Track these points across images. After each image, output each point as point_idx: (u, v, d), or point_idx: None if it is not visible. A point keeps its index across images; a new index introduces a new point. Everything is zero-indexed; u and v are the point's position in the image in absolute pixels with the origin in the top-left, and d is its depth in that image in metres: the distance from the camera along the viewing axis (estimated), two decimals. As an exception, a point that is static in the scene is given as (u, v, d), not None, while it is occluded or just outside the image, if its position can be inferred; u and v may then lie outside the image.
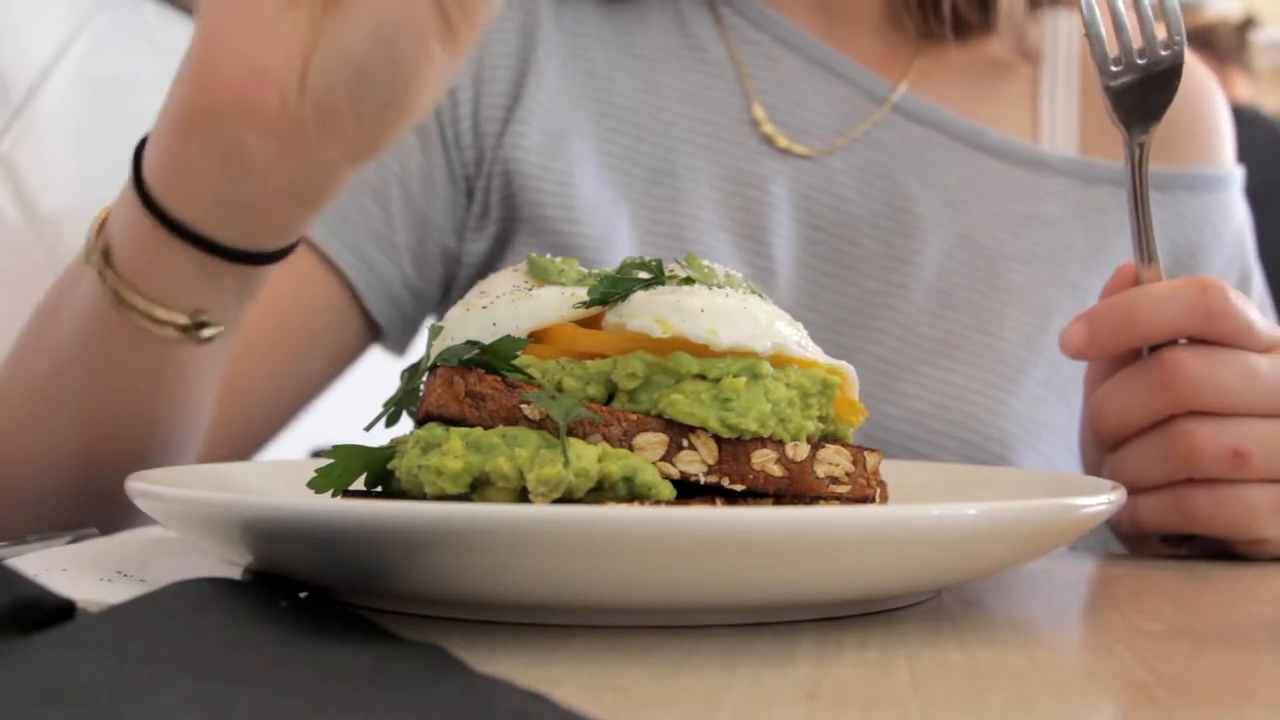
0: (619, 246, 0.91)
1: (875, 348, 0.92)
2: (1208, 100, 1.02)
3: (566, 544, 0.41)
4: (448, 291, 0.98)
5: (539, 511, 0.41)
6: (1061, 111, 1.01)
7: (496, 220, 0.94)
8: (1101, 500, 0.50)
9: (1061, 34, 1.04)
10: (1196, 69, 1.03)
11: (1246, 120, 2.82)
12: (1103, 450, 0.72)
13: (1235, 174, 1.02)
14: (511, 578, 0.44)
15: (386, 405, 0.57)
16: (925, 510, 0.45)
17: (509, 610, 0.47)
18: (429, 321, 1.00)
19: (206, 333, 0.66)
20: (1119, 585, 0.62)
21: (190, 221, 0.62)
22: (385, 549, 0.43)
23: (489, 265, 0.95)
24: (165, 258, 0.63)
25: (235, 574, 0.48)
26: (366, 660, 0.37)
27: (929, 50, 1.01)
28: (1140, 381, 0.68)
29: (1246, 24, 3.44)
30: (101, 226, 0.66)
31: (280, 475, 0.64)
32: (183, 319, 0.65)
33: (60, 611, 0.39)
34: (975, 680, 0.41)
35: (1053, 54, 1.03)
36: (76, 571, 0.53)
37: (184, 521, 0.50)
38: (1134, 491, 0.68)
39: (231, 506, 0.46)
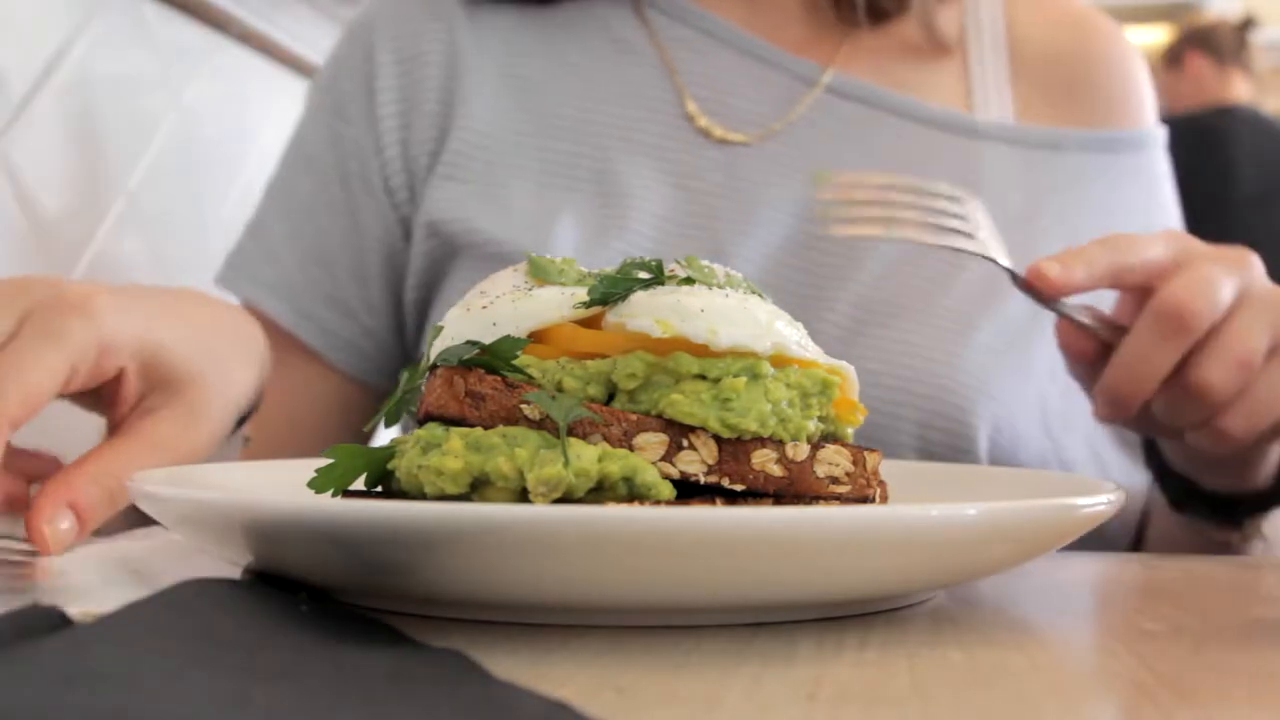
0: (561, 252, 0.91)
1: (830, 315, 0.92)
2: (1123, 61, 1.04)
3: (567, 544, 0.41)
4: (402, 331, 1.00)
5: (539, 511, 0.41)
6: (993, 81, 1.02)
7: (424, 254, 0.96)
8: (1101, 500, 0.50)
9: (984, 9, 1.04)
10: (1109, 27, 1.04)
11: (1246, 120, 2.83)
12: (1131, 420, 0.76)
13: (1156, 133, 1.03)
14: (511, 578, 0.43)
15: (386, 405, 0.57)
16: (925, 510, 0.45)
17: (509, 610, 0.47)
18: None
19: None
20: (1119, 585, 0.62)
21: None
22: (385, 549, 0.43)
23: (427, 299, 0.97)
24: None
25: (235, 574, 0.48)
26: (387, 664, 0.37)
27: (856, 34, 1.02)
28: (1147, 336, 0.71)
29: (1246, 24, 3.43)
30: None
31: (280, 475, 0.64)
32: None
33: (57, 623, 0.39)
34: (975, 680, 0.41)
35: (977, 30, 1.03)
36: (77, 572, 0.53)
37: (184, 521, 0.50)
38: (1175, 437, 0.74)
39: (231, 506, 0.46)
